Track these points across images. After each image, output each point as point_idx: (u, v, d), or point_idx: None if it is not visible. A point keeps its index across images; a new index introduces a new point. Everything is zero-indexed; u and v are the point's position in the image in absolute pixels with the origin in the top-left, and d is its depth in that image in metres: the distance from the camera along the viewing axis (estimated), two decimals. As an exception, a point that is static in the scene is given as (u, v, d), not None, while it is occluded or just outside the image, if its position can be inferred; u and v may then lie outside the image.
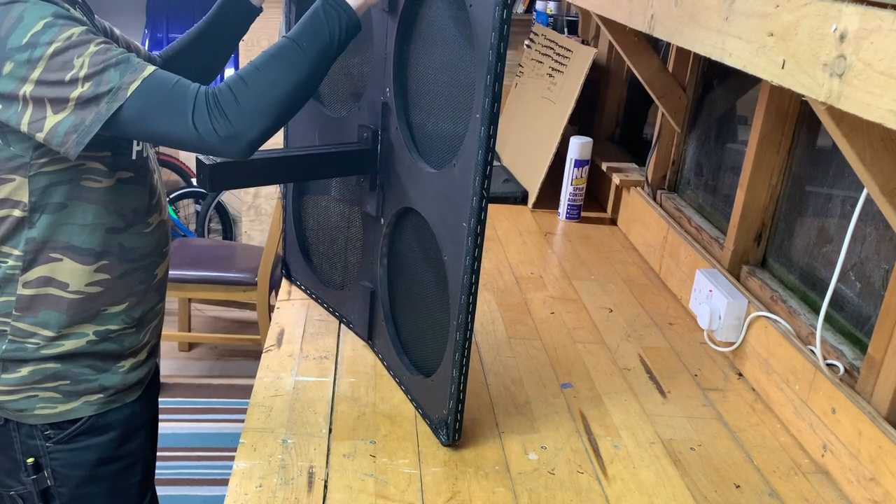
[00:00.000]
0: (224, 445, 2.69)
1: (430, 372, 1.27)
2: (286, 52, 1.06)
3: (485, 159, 1.05)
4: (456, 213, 1.13)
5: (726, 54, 1.02)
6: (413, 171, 1.26)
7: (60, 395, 1.22)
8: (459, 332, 1.15)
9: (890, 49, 0.69)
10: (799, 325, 1.42)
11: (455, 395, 1.18)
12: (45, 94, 1.01)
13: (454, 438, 1.22)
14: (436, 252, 1.23)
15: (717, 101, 1.89)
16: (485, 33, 1.00)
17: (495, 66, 1.00)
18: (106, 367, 1.25)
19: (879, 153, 0.90)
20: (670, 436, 1.31)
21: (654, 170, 2.10)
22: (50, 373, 1.21)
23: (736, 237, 1.63)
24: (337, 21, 1.08)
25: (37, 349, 1.19)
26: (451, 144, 1.16)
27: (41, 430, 1.23)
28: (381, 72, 1.31)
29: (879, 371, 1.18)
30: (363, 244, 1.47)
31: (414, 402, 1.33)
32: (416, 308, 1.34)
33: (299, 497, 1.10)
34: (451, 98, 1.16)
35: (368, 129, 1.35)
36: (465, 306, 1.14)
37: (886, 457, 1.11)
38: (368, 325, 1.47)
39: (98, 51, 1.03)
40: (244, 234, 3.77)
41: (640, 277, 1.93)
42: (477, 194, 1.07)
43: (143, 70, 1.03)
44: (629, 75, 2.49)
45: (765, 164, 1.56)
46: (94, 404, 1.25)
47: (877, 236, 1.29)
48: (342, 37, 1.09)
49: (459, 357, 1.17)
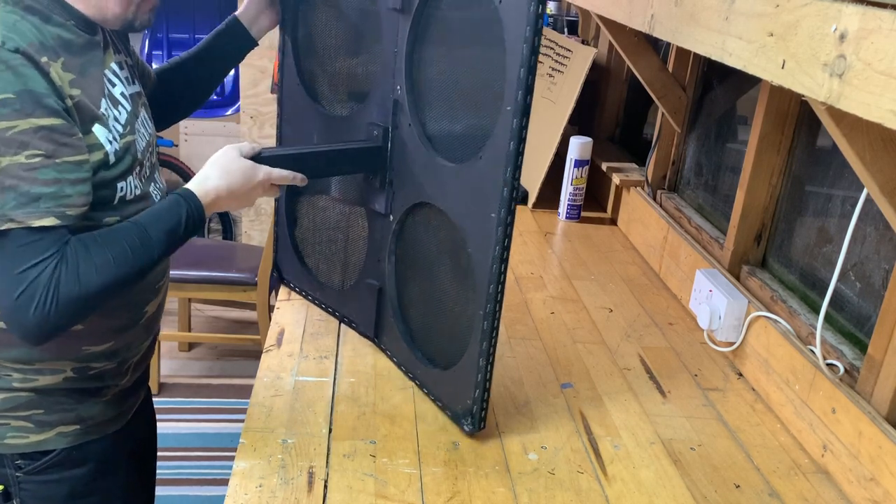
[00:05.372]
0: (224, 445, 2.69)
1: (449, 364, 1.28)
2: (139, 250, 1.04)
3: (517, 150, 1.08)
4: (483, 204, 1.14)
5: (726, 54, 1.02)
6: (430, 166, 1.26)
7: (33, 424, 1.14)
8: (487, 321, 1.17)
9: (890, 49, 0.69)
10: (799, 325, 1.42)
11: (482, 384, 1.21)
12: None
13: (479, 427, 1.24)
14: (455, 244, 1.24)
15: (717, 101, 1.89)
16: (517, 28, 1.04)
17: (529, 60, 1.04)
18: (85, 398, 1.17)
19: (879, 153, 0.90)
20: (670, 436, 1.31)
21: (654, 170, 2.10)
22: (23, 401, 1.12)
23: (736, 237, 1.63)
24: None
25: (8, 381, 1.11)
26: (474, 139, 1.17)
27: (11, 460, 1.15)
28: (390, 70, 1.31)
29: (879, 371, 1.18)
30: (368, 242, 1.47)
31: (431, 395, 1.34)
32: (432, 302, 1.35)
33: (299, 497, 1.10)
34: (474, 94, 1.17)
35: (378, 126, 1.35)
36: (494, 296, 1.16)
37: (886, 457, 1.11)
38: (375, 322, 1.47)
39: (23, 165, 0.93)
40: (244, 234, 3.77)
41: (640, 277, 1.93)
42: (508, 185, 1.10)
43: (39, 217, 0.94)
44: (629, 75, 2.49)
45: (765, 164, 1.56)
46: (69, 436, 1.17)
47: (877, 236, 1.29)
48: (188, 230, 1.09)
49: (487, 346, 1.19)
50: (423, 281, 1.37)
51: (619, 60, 2.48)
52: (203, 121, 3.89)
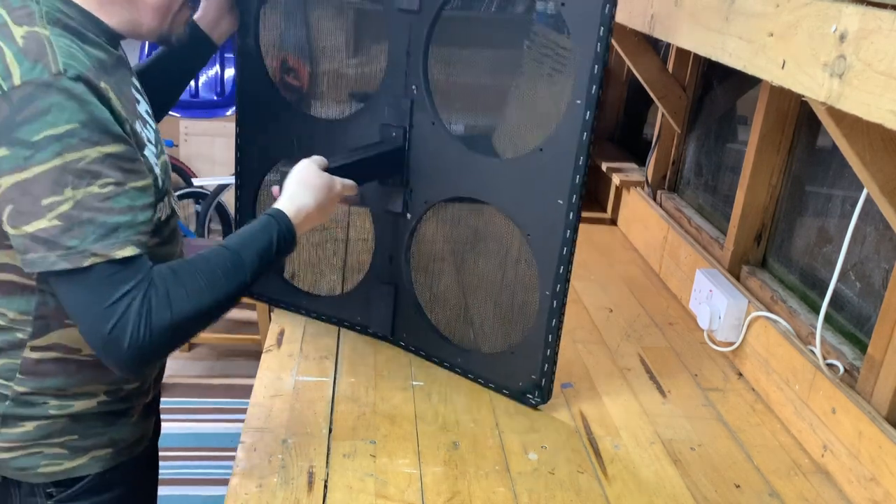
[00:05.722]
0: (224, 445, 2.69)
1: (500, 347, 1.36)
2: (232, 274, 1.00)
3: (588, 140, 1.17)
4: (546, 192, 1.23)
5: (726, 54, 1.02)
6: (464, 162, 1.30)
7: (67, 450, 1.10)
8: (557, 299, 1.27)
9: (890, 49, 0.69)
10: (799, 325, 1.41)
11: (550, 358, 1.30)
12: (14, 200, 0.88)
13: (546, 399, 1.33)
14: (501, 233, 1.32)
15: (717, 101, 1.89)
16: (587, 28, 1.12)
17: (603, 56, 1.13)
18: (115, 420, 1.14)
19: (879, 153, 0.90)
20: (670, 436, 1.31)
21: (654, 170, 2.10)
22: (58, 427, 1.08)
23: (736, 237, 1.63)
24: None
25: (45, 409, 1.07)
26: (528, 133, 1.25)
27: (43, 489, 1.11)
28: (401, 70, 1.32)
29: (879, 371, 1.18)
30: (376, 243, 1.47)
31: (479, 378, 1.40)
32: (470, 292, 1.39)
33: (299, 497, 1.10)
34: (524, 92, 1.24)
35: (395, 127, 1.35)
36: (564, 276, 1.26)
37: (886, 457, 1.11)
38: (392, 321, 1.48)
39: (97, 195, 0.89)
40: (244, 234, 3.76)
41: (640, 277, 1.93)
42: (580, 171, 1.19)
43: (120, 248, 0.90)
44: (629, 75, 2.49)
45: (765, 164, 1.56)
46: (102, 460, 1.13)
47: (877, 236, 1.29)
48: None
49: (556, 323, 1.28)
50: (455, 273, 1.41)
51: (619, 60, 2.48)
52: (203, 121, 3.89)
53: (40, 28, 0.91)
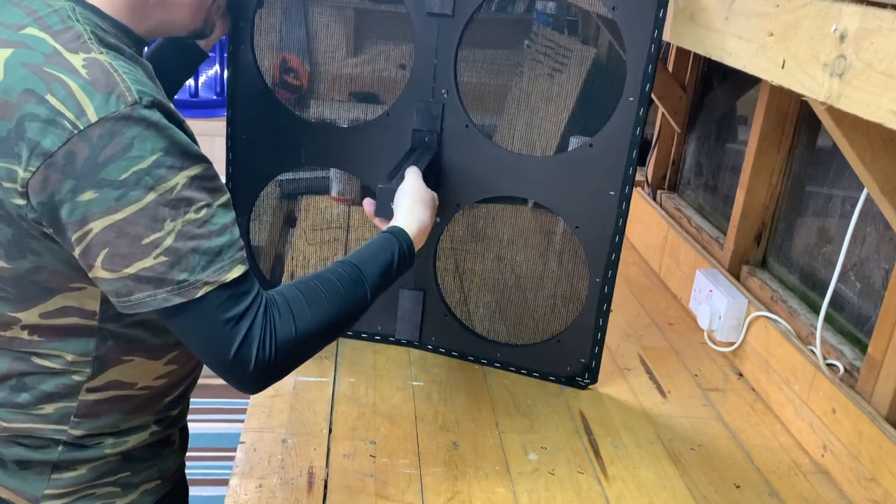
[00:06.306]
0: (224, 445, 2.69)
1: (544, 337, 1.43)
2: (351, 287, 0.98)
3: (641, 134, 1.27)
4: (596, 185, 1.31)
5: (726, 54, 1.02)
6: (503, 162, 1.35)
7: (119, 487, 1.05)
8: (608, 285, 1.36)
9: (890, 49, 0.69)
10: (799, 325, 1.41)
11: (601, 341, 1.39)
12: (110, 244, 0.83)
13: (595, 380, 1.42)
14: (544, 227, 1.40)
15: (717, 101, 1.89)
16: (641, 30, 1.20)
17: (656, 56, 1.21)
18: (161, 450, 1.11)
19: (879, 153, 0.90)
20: (670, 436, 1.31)
21: (654, 170, 2.10)
22: (112, 466, 1.04)
23: (736, 237, 1.63)
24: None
25: (101, 449, 1.03)
26: (576, 130, 1.35)
27: None
28: (428, 75, 1.33)
29: (879, 371, 1.18)
30: None
31: (523, 369, 1.45)
32: (511, 287, 1.44)
33: (299, 497, 1.10)
34: (573, 92, 1.35)
35: (428, 132, 1.35)
36: (615, 263, 1.34)
37: (886, 457, 1.11)
38: (420, 327, 1.49)
39: (195, 221, 0.86)
40: (244, 234, 3.77)
41: (640, 277, 1.93)
42: (633, 164, 1.28)
43: (228, 270, 0.87)
44: (629, 75, 2.49)
45: (765, 164, 1.56)
46: (152, 493, 1.09)
47: (877, 236, 1.29)
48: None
49: (607, 308, 1.37)
50: (489, 271, 1.45)
51: (619, 60, 2.48)
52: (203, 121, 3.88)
53: (97, 54, 0.85)
